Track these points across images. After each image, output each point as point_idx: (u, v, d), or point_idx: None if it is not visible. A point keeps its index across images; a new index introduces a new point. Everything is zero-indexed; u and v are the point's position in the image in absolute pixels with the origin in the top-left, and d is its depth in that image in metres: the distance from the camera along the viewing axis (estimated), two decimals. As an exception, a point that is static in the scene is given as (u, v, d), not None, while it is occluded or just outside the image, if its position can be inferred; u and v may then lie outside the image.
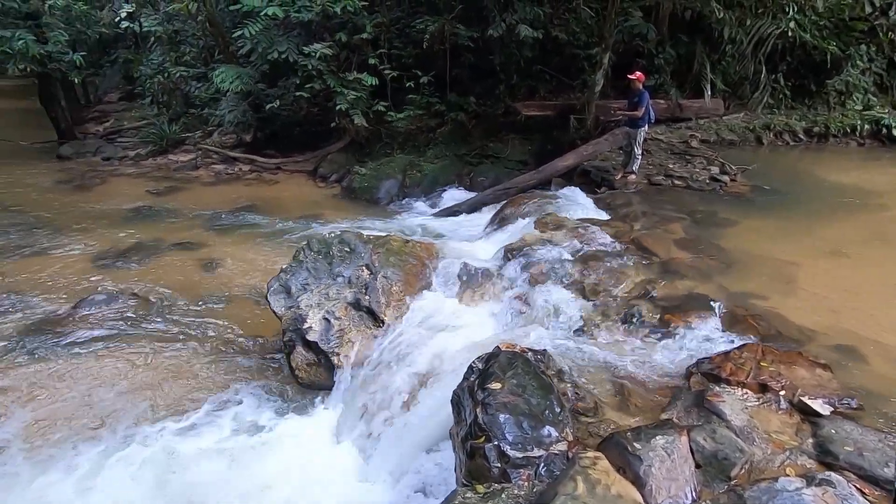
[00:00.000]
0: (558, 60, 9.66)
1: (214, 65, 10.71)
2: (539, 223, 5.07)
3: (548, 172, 7.69)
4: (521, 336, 3.53)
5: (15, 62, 10.11)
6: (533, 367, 2.82)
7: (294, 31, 9.19)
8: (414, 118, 9.46)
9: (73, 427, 3.62)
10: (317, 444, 3.38)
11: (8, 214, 7.72)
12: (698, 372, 2.89)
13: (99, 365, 4.26)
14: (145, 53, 13.23)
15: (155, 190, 9.07)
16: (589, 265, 4.25)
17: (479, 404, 2.58)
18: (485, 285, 4.35)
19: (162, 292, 5.40)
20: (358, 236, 4.76)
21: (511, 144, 9.27)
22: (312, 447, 3.45)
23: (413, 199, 8.50)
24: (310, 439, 3.50)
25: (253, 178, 9.94)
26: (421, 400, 3.39)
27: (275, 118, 10.14)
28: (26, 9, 10.30)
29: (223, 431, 3.61)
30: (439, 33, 8.83)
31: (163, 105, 12.36)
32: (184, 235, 6.95)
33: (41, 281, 5.62)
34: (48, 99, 11.85)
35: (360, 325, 3.98)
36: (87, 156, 11.14)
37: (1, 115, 15.30)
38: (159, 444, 3.49)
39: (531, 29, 8.24)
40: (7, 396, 3.89)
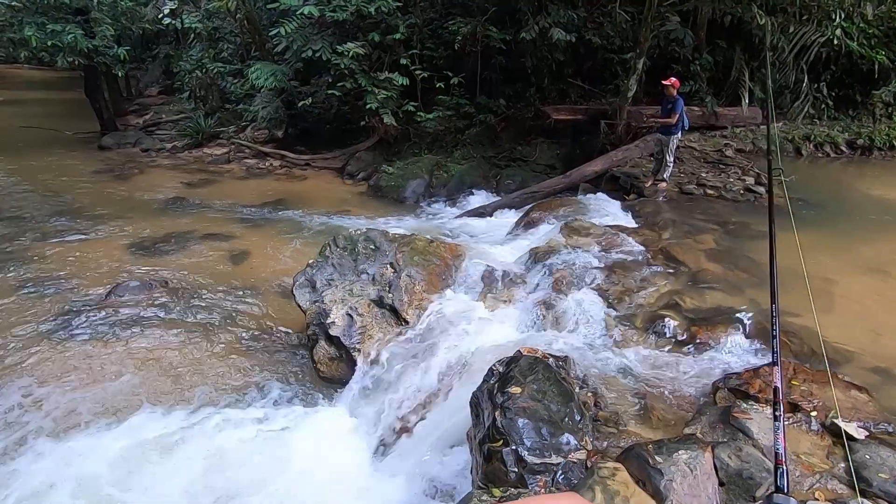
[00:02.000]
0: (591, 64, 9.56)
1: (250, 62, 10.98)
2: (565, 228, 5.02)
3: (576, 177, 7.61)
4: (542, 341, 3.50)
5: (64, 55, 10.57)
6: (554, 373, 2.80)
7: (328, 30, 9.32)
8: (443, 119, 9.48)
9: (96, 408, 3.73)
10: (335, 439, 3.42)
11: (52, 200, 8.06)
12: (725, 387, 2.82)
13: (129, 349, 4.40)
14: (185, 49, 13.66)
15: (189, 182, 9.34)
16: (615, 272, 4.19)
17: (497, 408, 2.56)
18: (508, 289, 4.32)
19: (191, 281, 5.55)
20: (383, 234, 4.81)
21: (539, 148, 9.21)
22: (331, 441, 3.48)
23: (439, 200, 8.52)
24: (328, 433, 3.53)
25: (283, 173, 10.13)
26: (439, 400, 3.39)
27: (306, 115, 10.32)
28: (76, 4, 10.75)
29: (244, 420, 3.65)
30: (471, 35, 8.84)
31: (200, 100, 12.72)
32: (214, 227, 7.13)
33: (80, 265, 5.85)
34: (93, 91, 12.33)
35: (382, 323, 4.01)
36: (127, 147, 11.54)
37: (49, 105, 16.02)
38: (180, 429, 3.58)
39: (564, 32, 8.17)
40: (42, 373, 4.06)
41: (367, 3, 8.62)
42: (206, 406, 3.80)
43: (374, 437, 3.46)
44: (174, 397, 3.89)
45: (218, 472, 3.22)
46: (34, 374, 4.04)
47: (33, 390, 3.87)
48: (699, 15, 8.79)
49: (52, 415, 3.68)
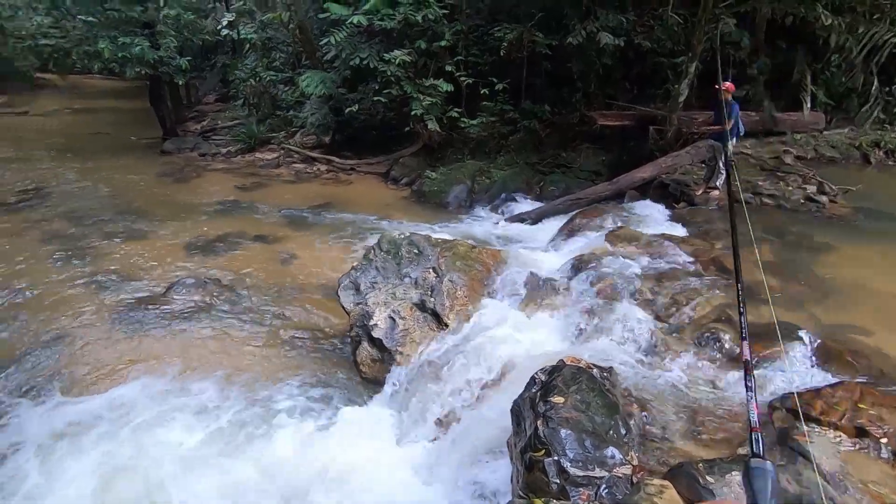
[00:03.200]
0: (640, 69, 9.33)
1: (301, 70, 11.41)
2: (611, 236, 4.91)
3: (622, 184, 7.42)
4: (586, 351, 3.43)
5: (132, 66, 11.33)
6: (598, 384, 2.74)
7: (376, 39, 9.56)
8: (486, 125, 9.50)
9: (151, 396, 3.95)
10: (376, 439, 3.47)
11: (118, 201, 8.62)
12: (782, 407, 2.67)
13: (184, 342, 4.64)
14: (240, 59, 14.33)
15: (242, 185, 9.77)
16: (663, 283, 4.05)
17: (540, 417, 2.53)
18: (550, 296, 4.26)
19: (242, 281, 5.79)
20: (426, 239, 4.85)
21: (584, 154, 9.05)
22: (372, 441, 3.53)
23: (481, 206, 8.52)
24: (370, 433, 3.59)
25: (329, 177, 10.42)
26: (479, 406, 3.38)
27: (353, 121, 10.59)
28: (144, 18, 11.51)
29: (288, 417, 3.78)
30: (517, 41, 8.82)
31: (253, 107, 13.30)
32: (264, 229, 7.42)
33: (142, 262, 6.23)
34: (156, 99, 13.13)
35: (424, 326, 4.05)
36: (186, 152, 12.21)
37: (118, 113, 17.18)
38: (226, 421, 3.73)
39: (613, 37, 8.02)
40: (103, 363, 4.35)
41: (415, 12, 8.78)
42: (250, 400, 3.95)
43: (414, 439, 3.49)
44: (223, 389, 4.05)
45: (256, 464, 3.33)
46: (104, 369, 4.32)
47: (101, 385, 4.15)
48: (757, 16, 8.42)
49: (112, 399, 3.92)
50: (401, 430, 3.54)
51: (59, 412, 3.80)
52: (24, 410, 3.83)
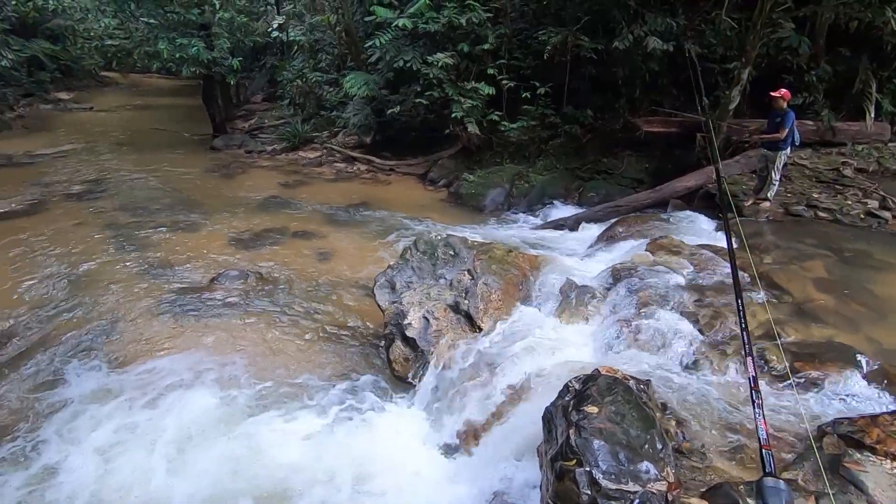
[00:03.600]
0: (688, 74, 9.03)
1: (345, 71, 11.66)
2: (652, 245, 4.77)
3: (665, 193, 7.21)
4: (622, 362, 3.34)
5: (188, 65, 11.87)
6: (634, 396, 2.66)
7: (420, 41, 9.66)
8: (527, 129, 9.44)
9: (188, 382, 4.12)
10: (406, 437, 3.50)
11: (171, 194, 9.05)
12: (834, 433, 2.52)
13: (226, 330, 4.82)
14: (288, 60, 14.78)
15: (285, 182, 10.06)
16: (706, 295, 3.91)
17: (572, 425, 2.49)
18: (587, 304, 4.18)
19: (282, 275, 5.96)
20: (462, 241, 4.86)
21: (626, 161, 8.85)
22: (402, 439, 3.57)
23: (518, 210, 8.46)
24: (398, 431, 3.63)
25: (368, 177, 10.60)
26: (510, 411, 3.36)
27: (393, 122, 10.73)
28: (201, 20, 12.04)
29: (320, 411, 3.85)
30: (562, 45, 8.72)
31: (298, 106, 13.69)
32: (305, 225, 7.62)
33: (190, 253, 6.51)
34: (209, 98, 13.70)
35: (458, 328, 4.05)
36: (234, 148, 12.68)
37: (173, 110, 18.04)
38: (258, 407, 3.84)
39: (661, 41, 7.81)
40: (148, 343, 4.58)
41: (459, 15, 8.83)
42: (284, 390, 4.06)
43: (442, 440, 3.50)
44: (259, 377, 4.18)
45: (286, 456, 3.41)
46: (149, 344, 4.56)
47: (146, 357, 4.37)
48: (819, 21, 8.00)
49: (155, 379, 4.13)
50: (430, 429, 3.56)
51: (101, 375, 4.22)
52: (74, 370, 4.26)
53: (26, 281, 5.66)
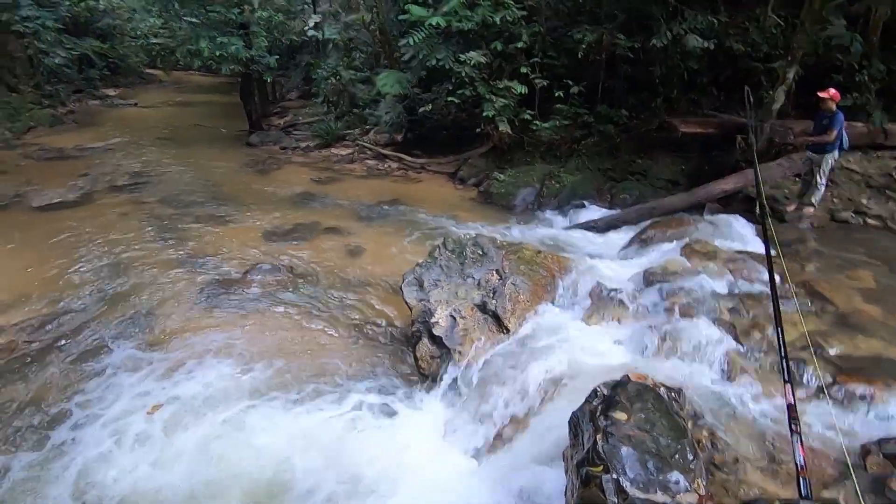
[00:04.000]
0: (729, 73, 8.73)
1: (378, 70, 11.77)
2: (687, 250, 4.65)
3: (702, 195, 7.00)
4: (652, 368, 3.27)
5: (227, 63, 12.22)
6: (665, 404, 2.60)
7: (453, 40, 9.65)
8: (559, 128, 9.31)
9: (221, 372, 4.23)
10: (430, 436, 3.52)
11: (208, 188, 9.34)
12: (879, 452, 2.40)
13: (257, 322, 4.94)
14: (323, 58, 15.01)
15: (317, 178, 10.24)
16: (743, 303, 3.78)
17: (599, 431, 2.45)
18: (617, 308, 4.11)
19: (313, 269, 6.07)
20: (491, 241, 4.85)
21: (662, 162, 8.62)
22: (423, 436, 3.59)
23: (548, 210, 8.36)
24: (425, 429, 3.65)
25: (399, 175, 10.67)
26: (536, 413, 3.33)
27: (425, 121, 10.77)
28: (241, 19, 12.37)
29: (345, 407, 3.87)
30: (597, 43, 8.57)
31: (332, 104, 13.89)
32: (335, 221, 7.73)
33: (225, 246, 6.70)
34: (246, 95, 14.06)
35: (484, 328, 4.04)
36: (269, 145, 12.98)
37: (213, 107, 18.59)
38: (285, 400, 3.91)
39: (701, 39, 7.58)
40: (182, 331, 4.76)
41: (493, 13, 8.77)
42: (310, 384, 4.12)
43: (467, 440, 3.49)
44: (286, 371, 4.26)
45: (312, 450, 3.45)
46: (182, 332, 4.73)
47: (178, 344, 4.53)
48: (872, 17, 7.61)
49: (187, 370, 4.26)
50: (454, 428, 3.56)
51: (136, 353, 4.48)
52: (116, 347, 4.56)
53: (74, 267, 5.96)
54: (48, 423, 3.71)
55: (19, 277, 5.71)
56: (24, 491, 3.21)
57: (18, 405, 3.87)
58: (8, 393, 3.99)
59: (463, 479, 3.21)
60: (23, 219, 7.52)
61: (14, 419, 3.74)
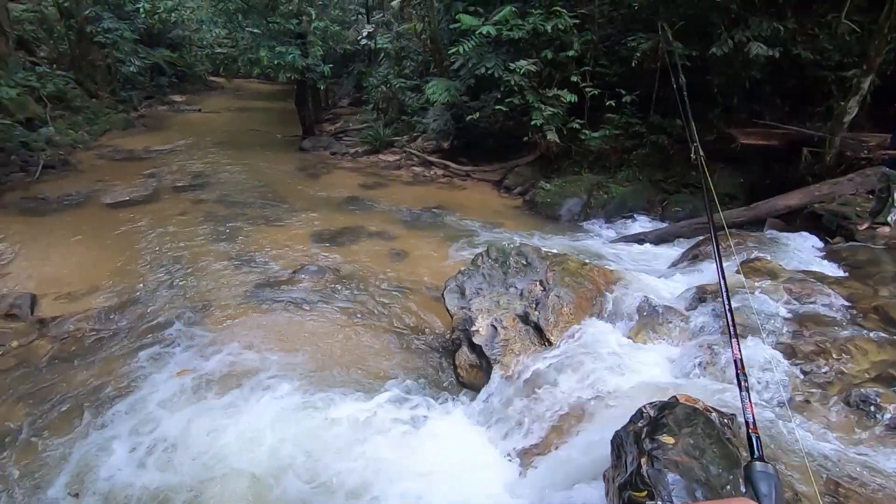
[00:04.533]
0: (796, 83, 8.26)
1: (428, 78, 11.92)
2: (745, 267, 4.40)
3: (763, 210, 6.64)
4: (703, 391, 3.10)
5: (284, 71, 12.72)
6: (717, 430, 2.45)
7: (503, 48, 9.65)
8: (609, 138, 9.10)
9: (264, 366, 4.36)
10: (466, 446, 3.48)
11: (262, 190, 9.74)
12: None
13: (302, 321, 5.07)
14: (375, 66, 15.39)
15: (364, 184, 10.47)
16: (808, 327, 3.53)
17: (644, 454, 2.34)
18: (666, 325, 3.94)
19: (358, 272, 6.19)
20: (535, 251, 4.77)
21: (718, 175, 8.24)
22: (460, 446, 3.55)
23: (595, 221, 8.17)
24: (459, 438, 3.62)
25: (444, 182, 10.74)
26: (577, 430, 3.23)
27: (472, 128, 10.80)
28: (298, 30, 12.88)
29: (379, 409, 3.88)
30: (652, 51, 8.34)
31: (381, 111, 14.20)
32: (380, 226, 7.87)
33: (276, 246, 6.95)
34: (300, 102, 14.59)
35: (525, 339, 3.98)
36: (320, 150, 13.40)
37: (269, 113, 19.43)
38: (324, 402, 3.94)
39: (766, 47, 7.21)
40: (232, 325, 4.95)
41: (544, 22, 8.71)
42: (347, 385, 4.17)
43: (504, 452, 3.44)
44: (327, 372, 4.34)
45: (347, 450, 3.49)
46: (235, 328, 4.92)
47: (229, 342, 4.72)
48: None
49: (232, 361, 4.43)
50: (491, 440, 3.51)
51: (189, 339, 4.74)
52: (170, 335, 4.83)
53: (137, 260, 6.36)
54: (109, 400, 3.98)
55: (89, 269, 6.14)
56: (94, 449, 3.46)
57: (85, 386, 4.15)
58: (75, 375, 4.29)
59: (498, 492, 3.16)
60: (95, 215, 8.10)
61: (82, 398, 4.01)
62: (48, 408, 3.92)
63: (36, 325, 5.02)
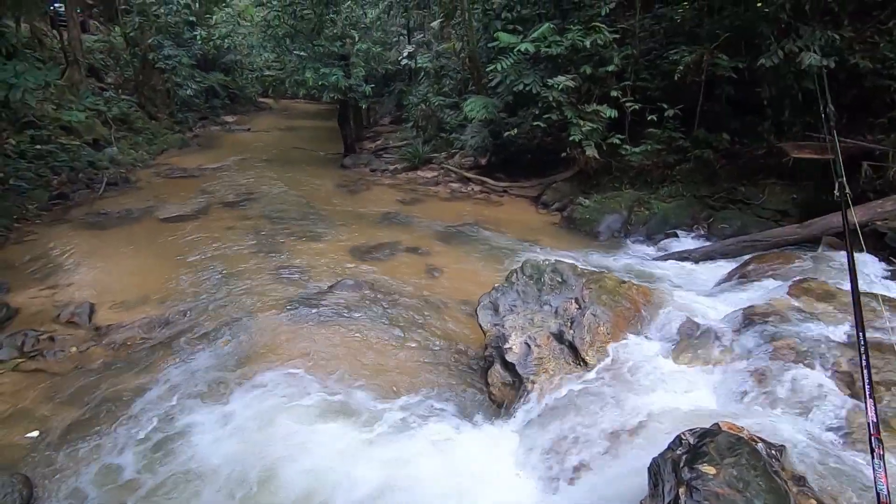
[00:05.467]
0: (854, 93, 7.82)
1: (466, 95, 12.06)
2: (797, 289, 4.15)
3: (817, 228, 6.26)
4: (749, 419, 2.92)
5: (328, 91, 13.21)
6: (763, 462, 2.30)
7: (541, 65, 9.66)
8: (651, 153, 8.88)
9: (296, 379, 4.40)
10: (495, 464, 3.41)
11: (303, 206, 10.06)
12: None
13: (337, 335, 5.12)
14: (415, 85, 15.72)
15: (402, 199, 10.63)
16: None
17: (683, 484, 2.22)
18: (710, 348, 3.76)
19: (393, 287, 6.25)
20: (571, 268, 4.68)
21: (769, 191, 7.87)
22: (494, 468, 3.47)
23: (636, 239, 7.94)
24: (489, 457, 3.54)
25: (481, 198, 10.76)
26: (612, 454, 3.11)
27: (510, 144, 10.81)
28: (342, 52, 13.37)
29: (408, 424, 3.87)
30: (696, 64, 8.12)
31: (420, 129, 14.45)
32: (417, 241, 7.94)
33: (315, 260, 7.14)
34: (343, 120, 15.06)
35: (560, 359, 3.88)
36: (361, 167, 13.74)
37: (313, 131, 20.17)
38: (354, 416, 3.96)
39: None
40: (270, 339, 5.05)
41: (583, 38, 8.67)
42: (383, 400, 4.17)
43: (537, 474, 3.34)
44: (359, 385, 4.35)
45: (366, 465, 3.47)
46: (272, 340, 5.04)
47: (263, 353, 4.84)
48: None
49: (265, 372, 4.50)
50: (523, 460, 3.42)
51: (221, 359, 4.79)
52: (201, 351, 4.95)
53: (186, 273, 6.68)
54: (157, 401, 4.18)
55: (142, 280, 6.49)
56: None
57: (135, 388, 4.36)
58: (128, 380, 4.52)
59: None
60: (150, 229, 8.60)
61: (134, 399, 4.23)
62: (94, 407, 4.14)
63: (93, 332, 5.34)
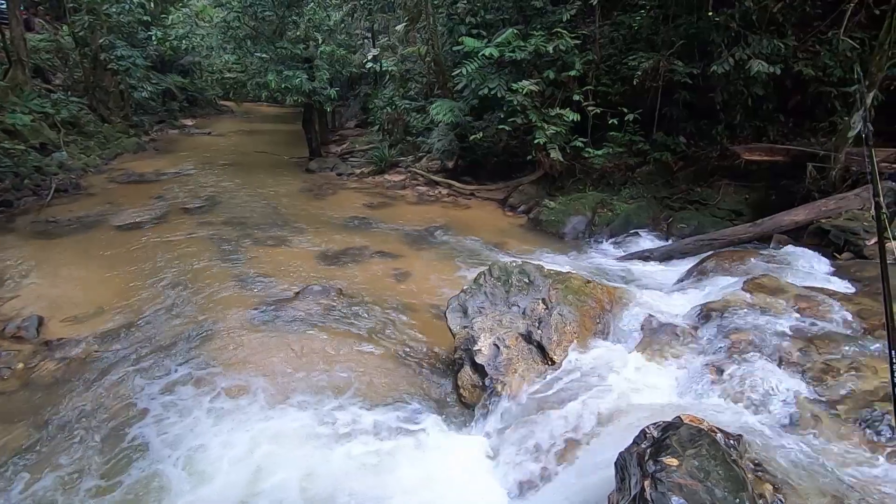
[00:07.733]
0: (798, 99, 8.28)
1: (432, 99, 12.10)
2: (750, 284, 4.34)
3: (768, 227, 6.58)
4: (709, 411, 3.04)
5: (291, 94, 13.00)
6: (722, 452, 2.39)
7: (505, 69, 9.80)
8: (613, 155, 9.14)
9: (262, 387, 4.31)
10: (468, 468, 3.42)
11: (267, 211, 9.84)
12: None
13: (304, 342, 5.02)
14: (380, 89, 15.65)
15: (369, 204, 10.54)
16: (816, 345, 3.46)
17: (648, 477, 2.28)
18: (670, 344, 3.89)
19: (360, 292, 6.18)
20: (538, 269, 4.75)
21: (723, 191, 8.23)
22: (463, 469, 3.49)
23: (600, 239, 8.15)
24: (461, 461, 3.55)
25: (449, 201, 10.79)
26: (580, 451, 3.17)
27: (476, 148, 10.90)
28: (306, 54, 13.19)
29: (380, 430, 3.83)
30: (653, 70, 8.42)
31: (387, 132, 14.38)
32: (385, 245, 7.89)
33: (280, 267, 6.98)
34: (307, 124, 14.84)
35: (528, 359, 3.93)
36: (326, 171, 13.56)
37: (276, 135, 19.77)
38: (320, 423, 3.88)
39: (766, 64, 7.25)
40: (233, 349, 4.92)
41: (546, 43, 8.85)
42: (345, 406, 4.10)
43: (507, 474, 3.37)
44: (323, 390, 4.28)
45: (346, 473, 3.42)
46: (235, 350, 4.90)
47: (226, 364, 4.70)
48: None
49: (228, 384, 4.38)
50: (492, 461, 3.45)
51: (189, 363, 4.67)
52: (172, 357, 4.81)
53: (144, 282, 6.41)
54: (114, 417, 3.95)
55: (96, 291, 6.19)
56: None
57: (91, 406, 4.14)
58: (81, 397, 4.29)
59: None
60: (104, 237, 8.21)
61: (89, 417, 4.02)
62: (50, 430, 3.92)
63: (41, 346, 5.05)
